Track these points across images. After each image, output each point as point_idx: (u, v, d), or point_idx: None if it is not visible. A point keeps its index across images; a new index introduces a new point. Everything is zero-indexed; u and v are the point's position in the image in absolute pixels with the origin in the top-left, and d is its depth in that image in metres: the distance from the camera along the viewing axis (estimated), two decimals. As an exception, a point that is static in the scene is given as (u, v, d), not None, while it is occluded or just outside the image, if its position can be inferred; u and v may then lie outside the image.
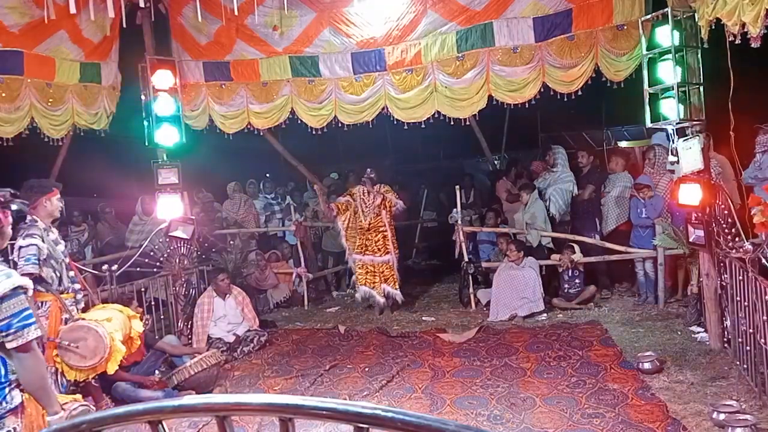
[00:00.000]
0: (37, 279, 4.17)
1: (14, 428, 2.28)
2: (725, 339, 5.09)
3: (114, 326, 4.16)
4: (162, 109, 6.72)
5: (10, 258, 4.27)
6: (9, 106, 6.11)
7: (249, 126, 7.21)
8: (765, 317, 3.93)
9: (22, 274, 3.97)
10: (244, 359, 6.01)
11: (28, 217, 4.39)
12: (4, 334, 2.21)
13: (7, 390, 2.28)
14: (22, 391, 2.34)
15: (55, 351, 4.04)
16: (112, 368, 4.10)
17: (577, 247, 7.02)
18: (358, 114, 6.88)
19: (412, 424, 0.93)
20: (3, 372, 2.26)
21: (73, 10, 5.01)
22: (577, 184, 7.64)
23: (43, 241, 4.28)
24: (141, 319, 5.04)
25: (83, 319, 4.11)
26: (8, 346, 2.23)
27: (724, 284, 5.01)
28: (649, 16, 5.42)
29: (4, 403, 2.26)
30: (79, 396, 3.64)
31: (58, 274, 4.38)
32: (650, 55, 5.37)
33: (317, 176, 10.02)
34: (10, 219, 2.48)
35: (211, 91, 7.17)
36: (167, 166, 6.77)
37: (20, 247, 4.21)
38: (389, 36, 6.60)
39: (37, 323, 2.32)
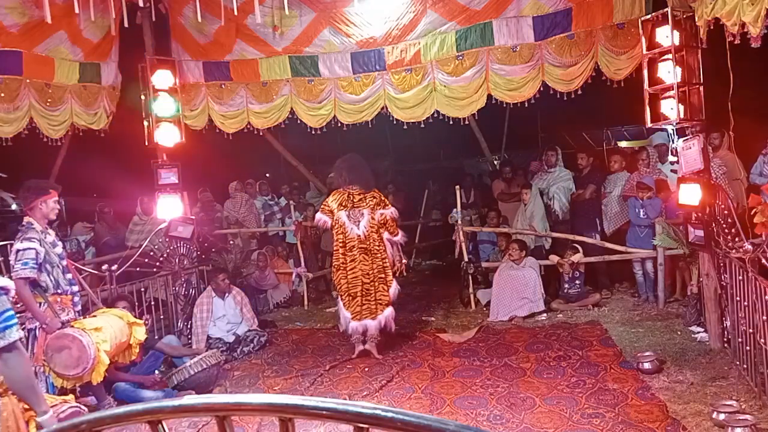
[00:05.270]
0: (33, 283, 4.15)
1: None
2: (725, 339, 5.09)
3: (103, 336, 4.14)
4: (162, 109, 6.73)
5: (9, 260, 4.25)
6: (8, 106, 6.12)
7: (249, 126, 7.21)
8: (765, 317, 3.92)
9: (18, 278, 3.95)
10: (243, 359, 6.00)
11: (25, 220, 4.33)
12: None
13: None
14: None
15: (42, 356, 4.03)
16: (96, 379, 4.09)
17: (579, 248, 7.02)
18: (357, 114, 6.87)
19: (412, 424, 0.93)
20: None
21: (77, 9, 5.02)
22: (578, 185, 7.65)
23: (41, 244, 4.24)
24: (141, 319, 5.04)
25: (72, 327, 4.10)
26: None
27: (724, 284, 5.00)
28: (649, 16, 5.41)
29: None
30: (70, 397, 3.62)
31: (54, 279, 4.34)
32: (650, 55, 5.37)
33: (317, 176, 10.03)
34: None
35: (211, 91, 7.17)
36: (167, 166, 6.78)
37: (18, 250, 4.14)
38: (389, 36, 6.59)
39: (18, 325, 2.30)
